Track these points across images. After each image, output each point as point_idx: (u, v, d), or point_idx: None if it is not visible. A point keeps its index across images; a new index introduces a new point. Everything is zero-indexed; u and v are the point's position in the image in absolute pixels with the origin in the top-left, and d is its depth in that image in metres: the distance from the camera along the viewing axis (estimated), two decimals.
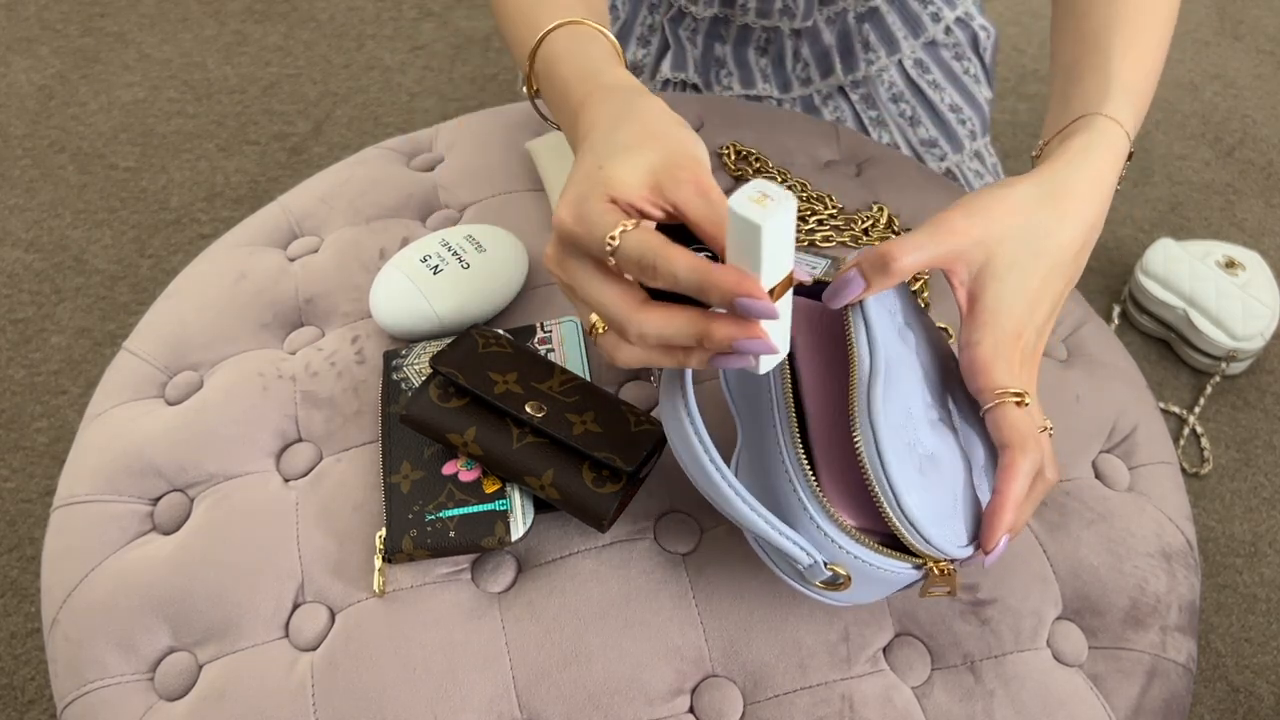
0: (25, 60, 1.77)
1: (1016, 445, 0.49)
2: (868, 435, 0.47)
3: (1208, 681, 1.13)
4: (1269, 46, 1.79)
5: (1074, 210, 0.53)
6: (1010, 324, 0.51)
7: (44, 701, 1.12)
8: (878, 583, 0.50)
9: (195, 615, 0.58)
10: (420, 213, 0.78)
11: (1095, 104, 0.56)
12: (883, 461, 0.46)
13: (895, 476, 0.46)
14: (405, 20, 1.84)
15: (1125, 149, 0.56)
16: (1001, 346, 0.50)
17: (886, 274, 0.50)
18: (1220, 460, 1.30)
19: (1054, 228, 0.52)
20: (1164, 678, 0.58)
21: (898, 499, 0.46)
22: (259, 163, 1.61)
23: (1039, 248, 0.52)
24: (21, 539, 1.23)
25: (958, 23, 1.00)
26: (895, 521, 0.47)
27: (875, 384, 0.48)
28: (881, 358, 0.49)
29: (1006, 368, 0.50)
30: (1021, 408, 0.49)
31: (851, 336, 0.50)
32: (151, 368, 0.71)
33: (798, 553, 0.48)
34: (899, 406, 0.48)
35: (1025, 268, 0.51)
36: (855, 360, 0.49)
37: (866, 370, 0.49)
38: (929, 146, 1.01)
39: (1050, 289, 0.52)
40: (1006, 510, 0.48)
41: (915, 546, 0.47)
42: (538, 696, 0.54)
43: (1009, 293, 0.51)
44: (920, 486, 0.47)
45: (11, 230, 1.53)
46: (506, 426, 0.58)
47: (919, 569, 0.49)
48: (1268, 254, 1.50)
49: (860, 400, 0.48)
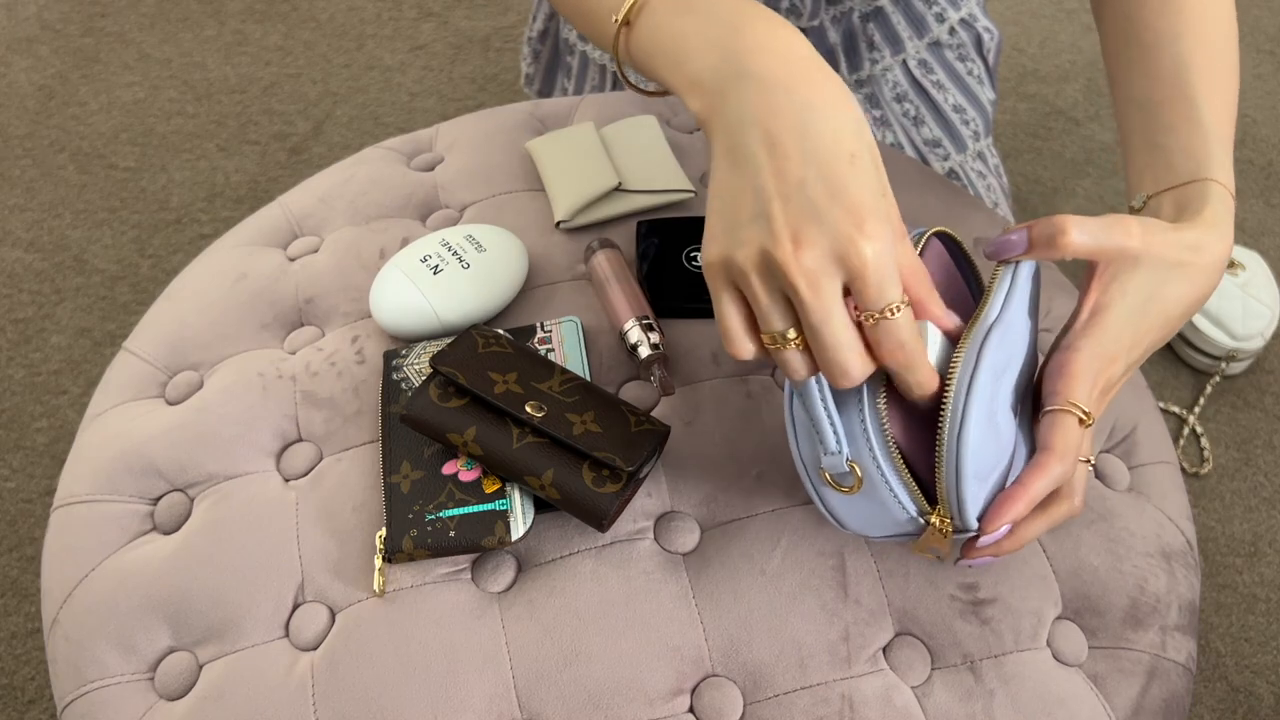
0: (25, 60, 1.77)
1: (1057, 451, 0.49)
2: (968, 362, 0.47)
3: (1207, 681, 1.13)
4: (1269, 46, 1.79)
5: (1198, 276, 0.53)
6: (1113, 347, 0.51)
7: (44, 701, 1.12)
8: (879, 508, 0.50)
9: (195, 615, 0.58)
10: (420, 213, 0.78)
11: (1203, 166, 0.56)
12: (969, 396, 0.47)
13: (971, 421, 0.46)
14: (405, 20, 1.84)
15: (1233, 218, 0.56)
16: (1096, 361, 0.51)
17: (1053, 245, 0.51)
18: (1220, 460, 1.30)
19: (1180, 283, 0.53)
20: (1164, 677, 0.58)
21: (961, 440, 0.46)
22: (259, 163, 1.61)
23: (1163, 294, 0.52)
24: (21, 539, 1.23)
25: (962, 24, 1.01)
26: (943, 453, 0.47)
27: (997, 329, 0.49)
28: (1010, 312, 0.51)
29: (1090, 384, 0.51)
30: (1083, 426, 0.50)
31: (994, 284, 0.52)
32: (151, 368, 0.71)
33: (829, 433, 0.48)
34: (999, 361, 0.49)
35: (1146, 304, 0.52)
36: (988, 301, 0.51)
37: (995, 314, 0.50)
38: (933, 146, 1.01)
39: (1151, 336, 0.53)
40: (1020, 501, 0.48)
41: (942, 489, 0.48)
42: (538, 696, 0.54)
43: (1129, 316, 0.52)
44: (983, 434, 0.47)
45: (11, 230, 1.53)
46: (506, 426, 0.58)
47: (922, 518, 0.49)
48: (1268, 254, 1.50)
49: (978, 333, 0.49)
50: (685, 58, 0.49)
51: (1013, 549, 0.52)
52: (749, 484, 0.61)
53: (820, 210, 0.43)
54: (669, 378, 0.64)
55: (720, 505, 0.61)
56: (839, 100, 0.46)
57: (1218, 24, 0.60)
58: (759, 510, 0.60)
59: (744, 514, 0.60)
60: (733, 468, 0.62)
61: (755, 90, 0.46)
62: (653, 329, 0.65)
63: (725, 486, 0.61)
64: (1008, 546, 0.52)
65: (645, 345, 0.65)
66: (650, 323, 0.66)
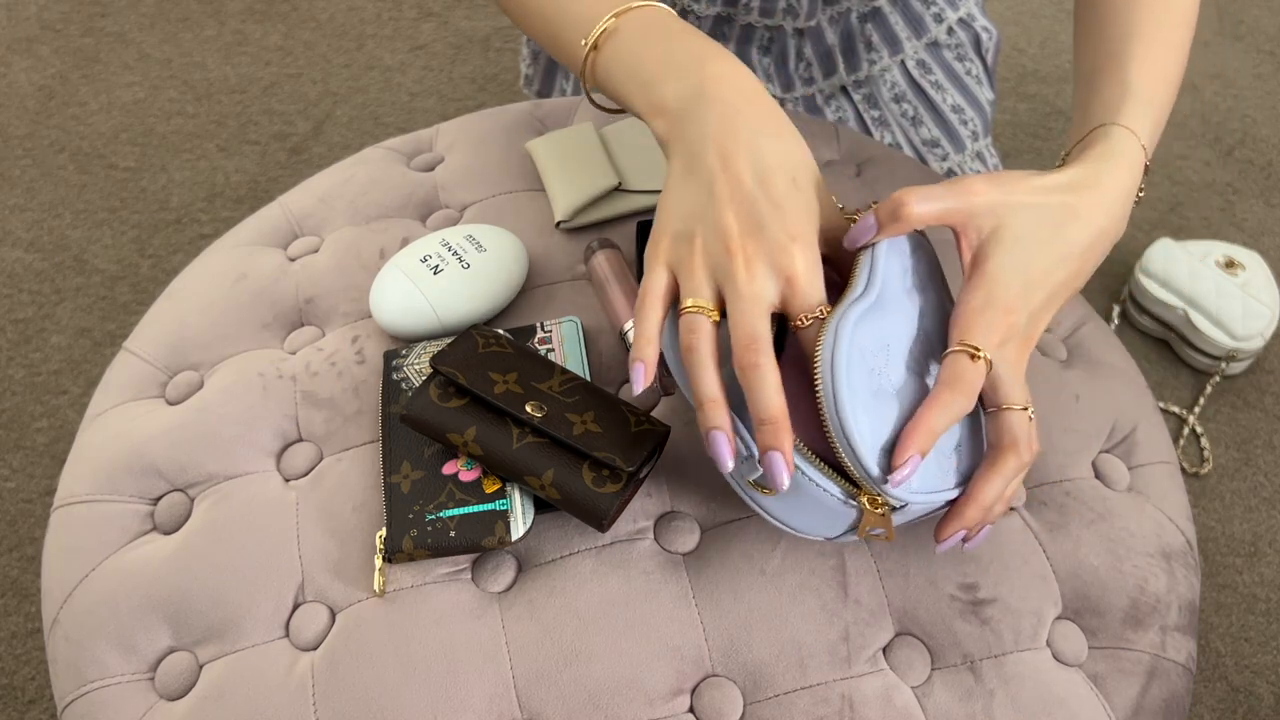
0: (25, 60, 1.77)
1: (947, 384, 0.50)
2: (829, 341, 0.49)
3: (1207, 681, 1.13)
4: (1269, 46, 1.79)
5: (1086, 211, 0.54)
6: (1004, 296, 0.52)
7: (44, 701, 1.12)
8: (811, 502, 0.50)
9: (195, 615, 0.58)
10: (420, 213, 0.78)
11: (1112, 113, 0.58)
12: (833, 369, 0.48)
13: (843, 387, 0.47)
14: (405, 20, 1.84)
15: (1141, 158, 0.57)
16: (989, 311, 0.51)
17: (897, 219, 0.52)
18: (1220, 460, 1.30)
19: (1065, 223, 0.53)
20: (1164, 677, 0.58)
21: (838, 408, 0.47)
22: (259, 163, 1.61)
23: (1047, 234, 0.53)
24: (21, 539, 1.23)
25: (960, 24, 1.01)
26: (831, 428, 0.48)
27: (856, 305, 0.50)
28: (876, 291, 0.51)
29: (984, 331, 0.51)
30: (973, 362, 0.50)
31: (855, 269, 0.53)
32: (152, 368, 0.71)
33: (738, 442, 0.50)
34: (875, 336, 0.50)
35: (1031, 249, 0.52)
36: (850, 286, 0.52)
37: (856, 294, 0.51)
38: (931, 147, 1.01)
39: (1051, 279, 0.53)
40: (918, 432, 0.48)
41: (845, 462, 0.48)
42: (538, 696, 0.54)
43: (1011, 264, 0.52)
44: (869, 408, 0.48)
45: (12, 230, 1.53)
46: (506, 426, 0.58)
47: (852, 499, 0.49)
48: (1268, 254, 1.50)
49: (836, 313, 0.50)
50: (650, 82, 0.56)
51: (978, 518, 0.51)
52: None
53: (765, 220, 0.51)
54: (669, 378, 0.64)
55: (720, 505, 0.61)
56: (786, 130, 0.53)
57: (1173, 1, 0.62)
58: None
59: (744, 514, 0.60)
60: None
61: (715, 114, 0.53)
62: None
63: (725, 486, 0.61)
64: (971, 515, 0.51)
65: None
66: None
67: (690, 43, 0.56)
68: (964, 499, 0.51)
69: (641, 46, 0.56)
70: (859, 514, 0.50)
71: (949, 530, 0.52)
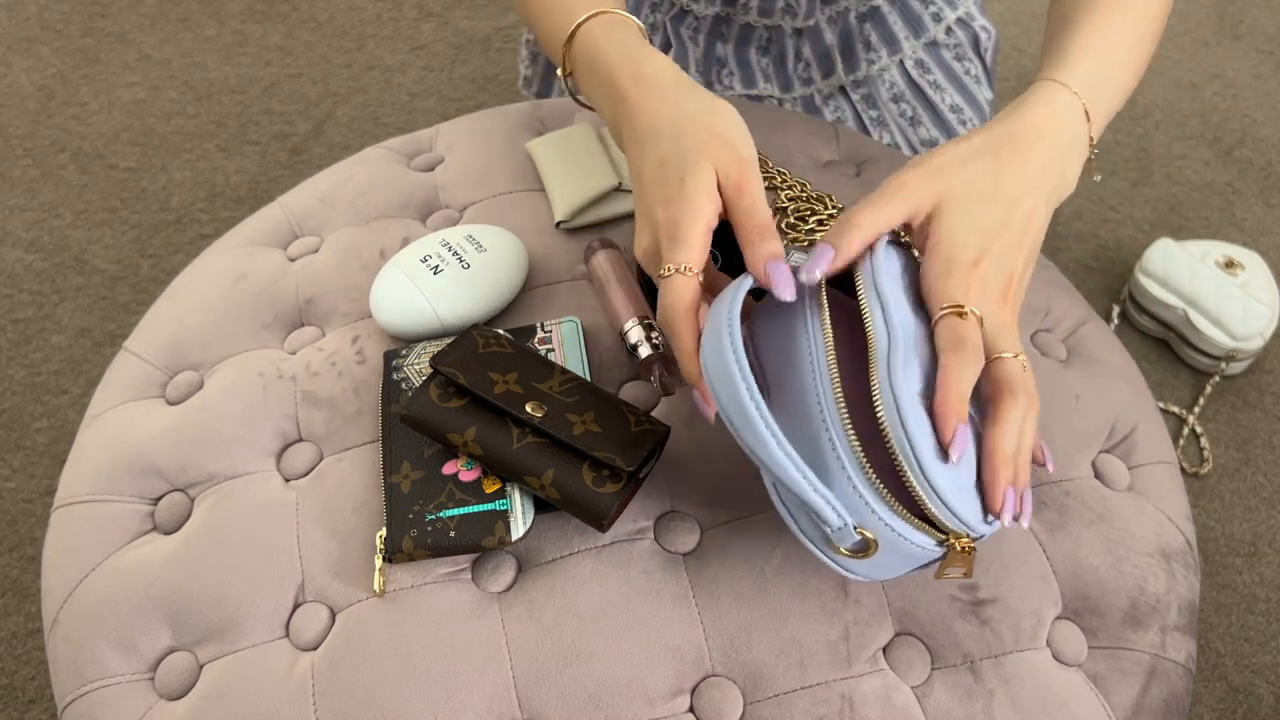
0: (26, 60, 1.77)
1: (950, 348, 0.49)
2: (889, 403, 0.47)
3: (1207, 681, 1.13)
4: (1269, 46, 1.79)
5: (1012, 159, 0.56)
6: (963, 253, 0.53)
7: (44, 701, 1.12)
8: (900, 556, 0.49)
9: (196, 615, 0.58)
10: (420, 213, 0.78)
11: (1043, 74, 0.60)
12: (907, 431, 0.46)
13: (920, 445, 0.46)
14: (405, 20, 1.84)
15: (1071, 104, 0.59)
16: (954, 266, 0.52)
17: (849, 237, 0.53)
18: (1220, 460, 1.30)
19: (994, 175, 0.55)
20: (1164, 677, 0.58)
21: (923, 470, 0.46)
22: (259, 163, 1.61)
23: (984, 192, 0.55)
24: (21, 539, 1.23)
25: (959, 23, 1.00)
26: (921, 493, 0.46)
27: (895, 355, 0.48)
28: (899, 330, 0.50)
29: (956, 286, 0.52)
30: (964, 319, 0.50)
31: (867, 313, 0.51)
32: (152, 368, 0.71)
33: (829, 513, 0.47)
34: (918, 374, 0.49)
35: (975, 208, 0.54)
36: (873, 336, 0.50)
37: (885, 344, 0.49)
38: (930, 146, 1.01)
39: (1007, 228, 0.54)
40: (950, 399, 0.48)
41: (940, 520, 0.47)
42: (538, 696, 0.54)
43: (960, 225, 0.54)
44: (944, 465, 0.47)
45: (12, 230, 1.53)
46: (506, 426, 0.58)
47: (942, 545, 0.48)
48: (1267, 254, 1.50)
49: (880, 370, 0.48)
50: (599, 108, 0.64)
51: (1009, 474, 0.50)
52: (749, 484, 0.61)
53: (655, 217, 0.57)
54: (669, 378, 0.64)
55: (720, 505, 0.61)
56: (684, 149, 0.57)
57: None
58: (759, 510, 0.60)
59: (744, 514, 0.60)
60: (733, 468, 0.62)
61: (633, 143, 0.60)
62: (653, 329, 0.65)
63: (725, 486, 0.61)
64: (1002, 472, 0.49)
65: (645, 345, 0.65)
66: (650, 323, 0.66)
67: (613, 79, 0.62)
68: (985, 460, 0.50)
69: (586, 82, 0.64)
70: (947, 552, 0.49)
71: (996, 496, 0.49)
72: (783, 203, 0.77)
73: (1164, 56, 1.77)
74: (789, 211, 0.77)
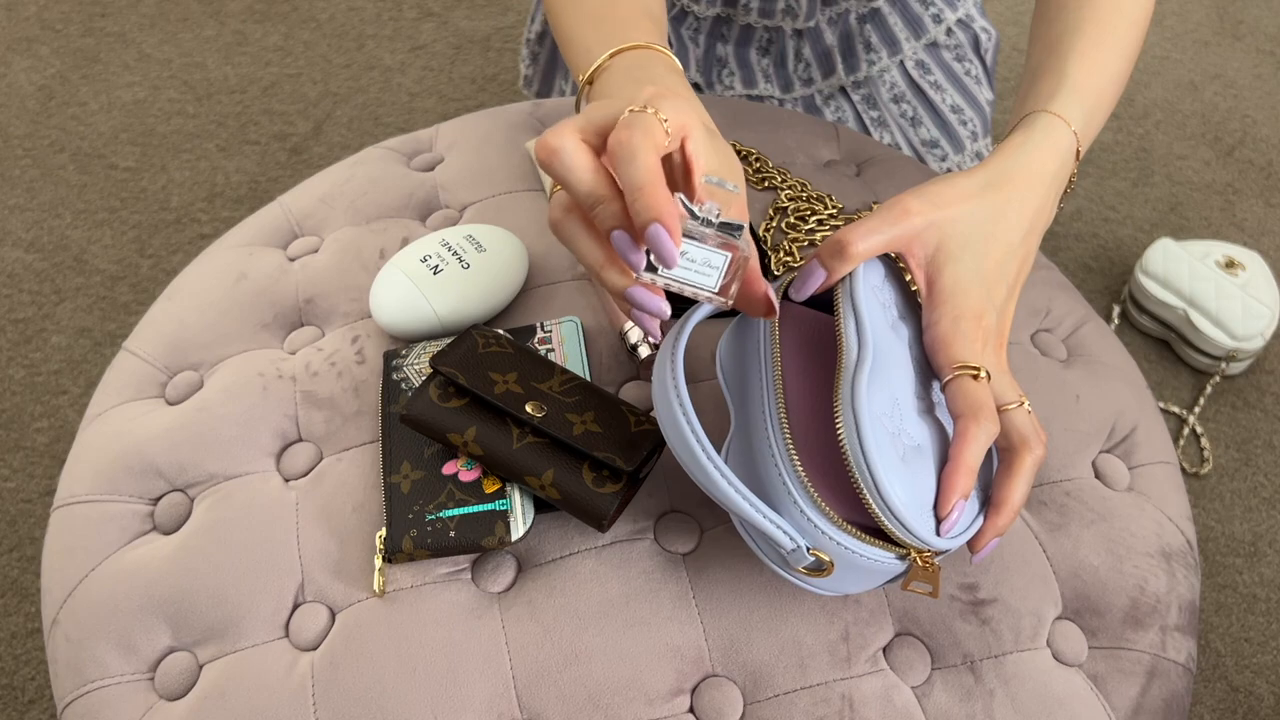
0: (25, 60, 1.77)
1: (970, 414, 0.49)
2: (849, 421, 0.47)
3: (1208, 681, 1.13)
4: (1269, 46, 1.79)
5: (1015, 198, 0.55)
6: (969, 304, 0.52)
7: (44, 701, 1.12)
8: (862, 571, 0.50)
9: (195, 615, 0.58)
10: (420, 213, 0.78)
11: (1044, 102, 0.59)
12: (863, 448, 0.47)
13: (875, 462, 0.46)
14: (405, 20, 1.84)
15: (1070, 143, 0.58)
16: (961, 323, 0.52)
17: (844, 259, 0.52)
18: (1220, 460, 1.30)
19: (998, 214, 0.55)
20: (1164, 678, 0.58)
21: (878, 485, 0.47)
22: (259, 163, 1.61)
23: (988, 232, 0.54)
24: (21, 539, 1.23)
25: (959, 24, 1.01)
26: (875, 508, 0.47)
27: (860, 372, 0.49)
28: (870, 347, 0.50)
29: (966, 344, 0.51)
30: (978, 382, 0.50)
31: (841, 327, 0.51)
32: (152, 368, 0.71)
33: (780, 536, 0.48)
34: (885, 396, 0.49)
35: (978, 250, 0.54)
36: (843, 349, 0.50)
37: (854, 359, 0.50)
38: (930, 147, 1.01)
39: (1005, 272, 0.54)
40: (957, 474, 0.49)
41: (895, 534, 0.48)
42: (538, 696, 0.54)
43: (965, 273, 0.53)
44: (903, 475, 0.47)
45: (12, 230, 1.53)
46: (506, 426, 0.58)
47: (903, 559, 0.49)
48: (1268, 254, 1.50)
49: (845, 387, 0.49)
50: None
51: (1008, 522, 0.51)
52: None
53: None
54: None
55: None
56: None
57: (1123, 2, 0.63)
58: None
59: None
60: None
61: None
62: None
63: None
64: (1003, 522, 0.51)
65: (645, 345, 0.65)
66: None
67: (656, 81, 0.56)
68: (996, 510, 0.51)
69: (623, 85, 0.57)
70: (909, 566, 0.50)
71: (986, 541, 0.51)
72: (783, 203, 0.77)
73: (1164, 56, 1.77)
74: (789, 211, 0.77)
